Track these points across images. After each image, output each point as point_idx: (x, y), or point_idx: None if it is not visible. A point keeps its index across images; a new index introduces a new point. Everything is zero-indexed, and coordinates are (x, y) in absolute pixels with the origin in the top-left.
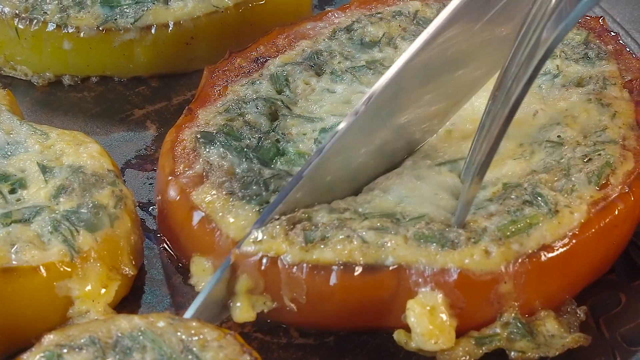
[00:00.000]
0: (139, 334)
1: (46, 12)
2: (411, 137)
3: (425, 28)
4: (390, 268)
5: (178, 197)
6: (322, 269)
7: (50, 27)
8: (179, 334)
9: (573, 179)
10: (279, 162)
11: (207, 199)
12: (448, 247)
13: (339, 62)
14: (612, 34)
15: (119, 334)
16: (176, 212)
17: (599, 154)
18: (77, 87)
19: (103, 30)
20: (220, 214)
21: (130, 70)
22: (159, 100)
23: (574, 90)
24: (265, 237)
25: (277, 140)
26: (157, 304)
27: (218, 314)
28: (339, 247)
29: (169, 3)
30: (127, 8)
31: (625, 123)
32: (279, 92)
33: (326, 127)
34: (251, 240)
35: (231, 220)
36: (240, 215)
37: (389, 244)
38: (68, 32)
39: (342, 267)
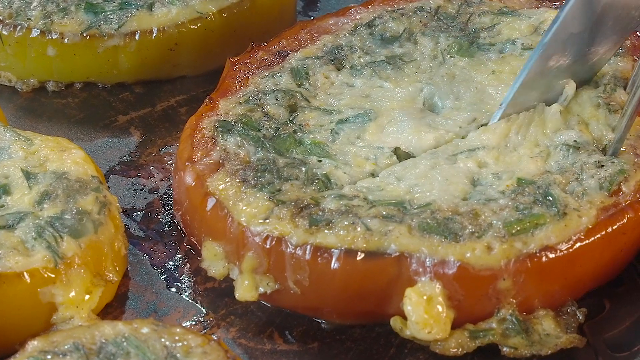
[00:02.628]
0: (123, 340)
1: (30, 18)
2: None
3: (442, 23)
4: (392, 255)
5: (194, 183)
6: (325, 252)
7: (34, 33)
8: (162, 340)
9: (585, 183)
10: (294, 152)
11: (220, 186)
12: (451, 239)
13: (359, 57)
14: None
15: (103, 340)
16: (191, 197)
17: (613, 162)
18: (61, 93)
19: (87, 36)
20: (232, 201)
21: (114, 76)
22: (143, 107)
23: (584, 91)
24: (272, 218)
25: (294, 131)
26: (141, 310)
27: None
28: (342, 232)
29: (153, 9)
30: (111, 14)
31: (633, 134)
32: (299, 85)
33: (343, 119)
34: (259, 219)
35: (243, 207)
36: (251, 202)
37: (392, 233)
38: (52, 38)
39: (344, 251)
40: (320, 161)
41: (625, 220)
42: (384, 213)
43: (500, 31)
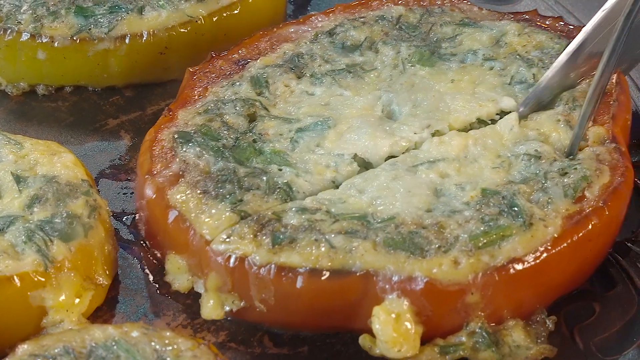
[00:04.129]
0: (113, 343)
1: (20, 22)
2: None
3: (404, 33)
4: (358, 273)
5: (154, 196)
6: (290, 271)
7: (25, 36)
8: (152, 343)
9: (550, 191)
10: (255, 161)
11: (181, 198)
12: (417, 254)
13: (320, 65)
14: None
15: (93, 344)
16: (153, 210)
17: (575, 168)
18: (52, 96)
19: (77, 40)
20: (193, 213)
21: (104, 79)
22: (133, 110)
23: (543, 112)
24: (233, 237)
25: (254, 141)
26: (131, 314)
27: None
28: (306, 251)
29: (143, 13)
30: (101, 18)
31: (596, 141)
32: (259, 94)
33: (302, 127)
34: (220, 239)
35: (205, 219)
36: (213, 214)
37: (357, 250)
38: (42, 41)
39: (309, 270)
40: (280, 170)
41: (590, 227)
42: (348, 228)
43: (462, 42)
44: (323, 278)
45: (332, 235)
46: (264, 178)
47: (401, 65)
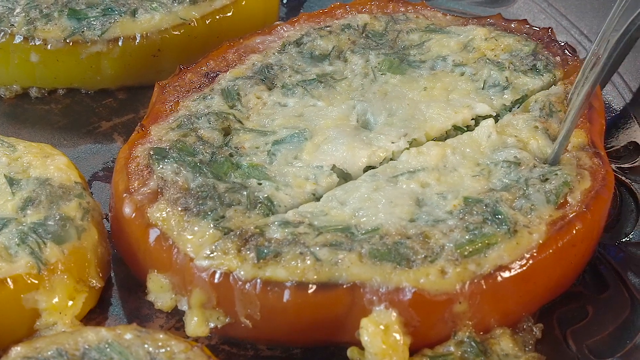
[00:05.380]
0: (106, 346)
1: (13, 25)
2: None
3: (371, 41)
4: (344, 286)
5: (133, 215)
6: (275, 286)
7: (17, 39)
8: (146, 346)
9: (532, 198)
10: (233, 176)
11: (162, 216)
12: (403, 265)
13: (290, 76)
14: (561, 44)
15: (86, 346)
16: (132, 229)
17: (556, 174)
18: (44, 99)
19: (70, 42)
20: (176, 231)
21: (97, 82)
22: (126, 113)
23: (520, 116)
24: (217, 252)
25: (231, 155)
26: (124, 316)
27: None
28: (291, 264)
29: (136, 15)
30: (94, 20)
31: (575, 146)
32: (231, 107)
33: (279, 139)
34: (204, 255)
35: (188, 237)
36: (196, 232)
37: (343, 262)
38: (35, 44)
39: (295, 284)
40: (260, 184)
41: (574, 232)
42: (332, 240)
43: (430, 48)
44: (309, 291)
45: (317, 248)
46: (244, 193)
47: (372, 73)
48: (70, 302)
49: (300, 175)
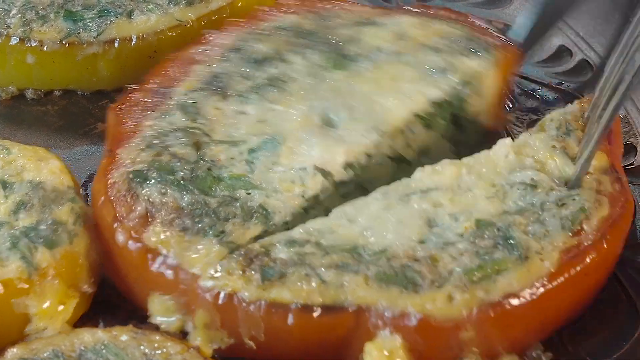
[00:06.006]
0: (102, 347)
1: (9, 26)
2: None
3: (306, 40)
4: (350, 309)
5: (128, 242)
6: (280, 308)
7: (14, 40)
8: (142, 347)
9: (547, 223)
10: (218, 189)
11: (160, 239)
12: (410, 289)
13: (240, 83)
14: (484, 26)
15: (82, 348)
16: (128, 257)
17: (574, 199)
18: (41, 100)
19: (66, 44)
20: (179, 252)
21: (93, 83)
22: None
23: (537, 136)
24: (221, 273)
25: (209, 169)
26: (116, 322)
27: None
28: (297, 286)
29: (132, 17)
30: (90, 22)
31: (598, 169)
32: (193, 121)
33: (253, 147)
34: (208, 276)
35: (193, 256)
36: (200, 250)
37: (348, 285)
38: (31, 45)
39: (300, 306)
40: (249, 194)
41: (588, 261)
42: (339, 262)
43: (365, 41)
44: (314, 314)
45: (323, 270)
46: (237, 205)
47: (317, 72)
48: (61, 307)
49: (286, 180)
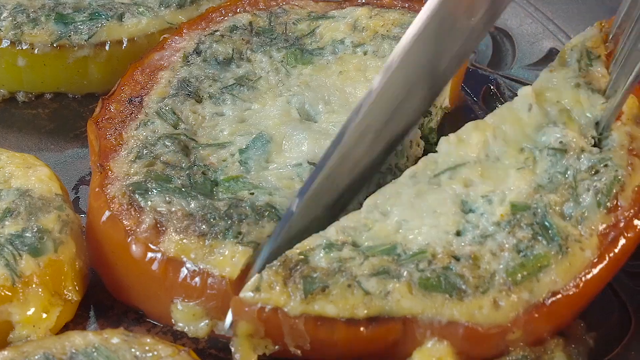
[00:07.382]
0: (93, 350)
1: (0, 29)
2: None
3: (264, 38)
4: (396, 319)
5: (147, 254)
6: (325, 321)
7: (5, 43)
8: (133, 350)
9: (582, 202)
10: (220, 193)
11: (179, 247)
12: (454, 296)
13: (210, 85)
14: None
15: (73, 351)
16: (145, 268)
17: (606, 165)
18: (32, 103)
19: (57, 46)
20: (202, 257)
21: (84, 86)
22: None
23: (557, 73)
24: (263, 286)
25: (204, 173)
26: (108, 324)
27: None
28: (340, 299)
29: (123, 20)
30: (81, 25)
31: (630, 118)
32: (175, 127)
33: (243, 148)
34: (249, 288)
35: (220, 259)
36: (224, 252)
37: (392, 295)
38: (22, 48)
39: (345, 320)
40: (252, 194)
41: (624, 242)
42: (379, 267)
43: (322, 34)
44: (360, 328)
45: (365, 279)
46: (246, 206)
47: (282, 68)
48: (45, 315)
49: (284, 177)
